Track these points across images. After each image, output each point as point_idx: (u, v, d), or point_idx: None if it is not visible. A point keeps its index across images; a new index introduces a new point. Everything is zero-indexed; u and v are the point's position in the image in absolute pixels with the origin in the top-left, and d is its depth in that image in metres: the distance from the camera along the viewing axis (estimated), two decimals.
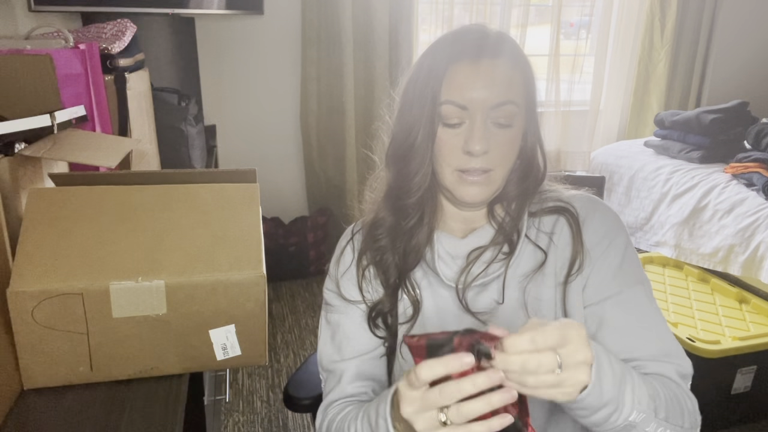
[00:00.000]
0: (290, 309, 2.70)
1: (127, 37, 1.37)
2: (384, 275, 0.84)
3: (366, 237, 0.85)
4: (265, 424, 1.95)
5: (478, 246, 0.81)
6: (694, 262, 2.37)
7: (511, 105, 0.73)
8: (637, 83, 3.41)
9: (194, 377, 1.00)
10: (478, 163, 0.74)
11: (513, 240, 0.80)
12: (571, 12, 3.36)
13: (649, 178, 2.67)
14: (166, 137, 1.69)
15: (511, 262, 0.79)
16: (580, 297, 0.78)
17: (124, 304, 0.81)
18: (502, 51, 0.74)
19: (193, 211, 0.89)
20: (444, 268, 0.81)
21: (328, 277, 0.89)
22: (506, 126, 0.74)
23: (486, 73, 0.73)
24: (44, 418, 0.78)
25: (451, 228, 0.84)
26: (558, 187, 0.85)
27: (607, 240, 0.79)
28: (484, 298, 0.80)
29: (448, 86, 0.73)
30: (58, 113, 0.93)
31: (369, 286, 0.85)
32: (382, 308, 0.84)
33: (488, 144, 0.73)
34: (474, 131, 0.73)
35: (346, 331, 0.85)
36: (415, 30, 2.95)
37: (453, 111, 0.74)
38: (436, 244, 0.82)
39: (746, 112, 2.70)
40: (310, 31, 2.80)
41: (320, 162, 3.02)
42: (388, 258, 0.83)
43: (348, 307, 0.85)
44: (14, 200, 0.84)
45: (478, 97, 0.72)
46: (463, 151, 0.74)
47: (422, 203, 0.81)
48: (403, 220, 0.81)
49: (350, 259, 0.87)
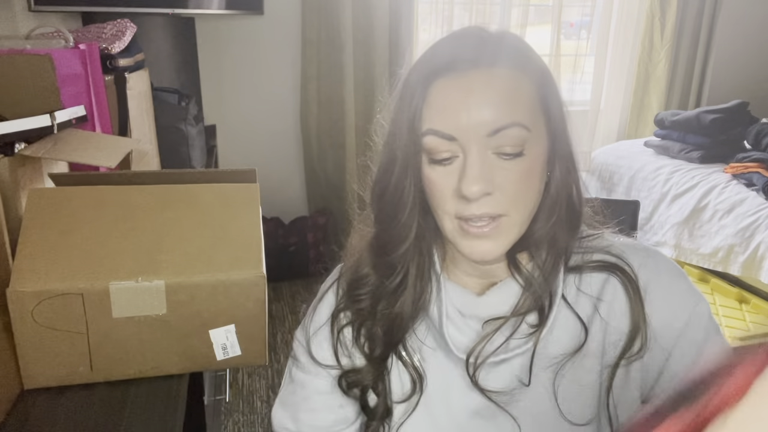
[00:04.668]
0: (290, 309, 2.70)
1: (127, 37, 1.37)
2: (367, 345, 0.66)
3: (345, 294, 0.68)
4: (265, 424, 1.95)
5: (498, 310, 0.62)
6: (694, 262, 2.37)
7: (517, 128, 0.54)
8: (637, 83, 3.41)
9: (194, 377, 1.00)
10: (480, 208, 0.55)
11: (544, 306, 0.60)
12: (571, 12, 3.36)
13: (649, 178, 2.67)
14: (166, 137, 1.69)
15: (542, 336, 0.60)
16: (636, 388, 0.60)
17: (124, 304, 0.81)
18: (499, 56, 0.56)
19: (193, 211, 0.89)
20: (454, 333, 0.63)
21: (301, 325, 0.72)
22: (515, 156, 0.55)
23: (476, 89, 0.54)
24: (44, 418, 0.78)
25: (464, 281, 0.66)
26: (603, 233, 0.65)
27: (683, 315, 0.59)
28: (504, 373, 0.62)
29: (430, 111, 0.56)
30: (58, 113, 0.93)
31: (346, 351, 0.67)
32: (359, 379, 0.66)
33: (490, 183, 0.55)
34: (467, 168, 0.55)
35: (309, 397, 0.69)
36: (415, 30, 2.95)
37: (438, 143, 0.56)
38: (444, 300, 0.64)
39: (746, 112, 2.70)
40: (310, 31, 2.80)
41: (320, 162, 3.02)
42: (370, 326, 0.66)
43: (317, 369, 0.68)
44: (14, 200, 0.84)
45: (468, 123, 0.54)
46: (458, 195, 0.56)
47: (406, 259, 0.63)
48: (386, 279, 0.64)
49: (328, 312, 0.69)
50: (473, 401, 0.63)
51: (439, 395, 0.65)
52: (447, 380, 0.65)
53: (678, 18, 3.30)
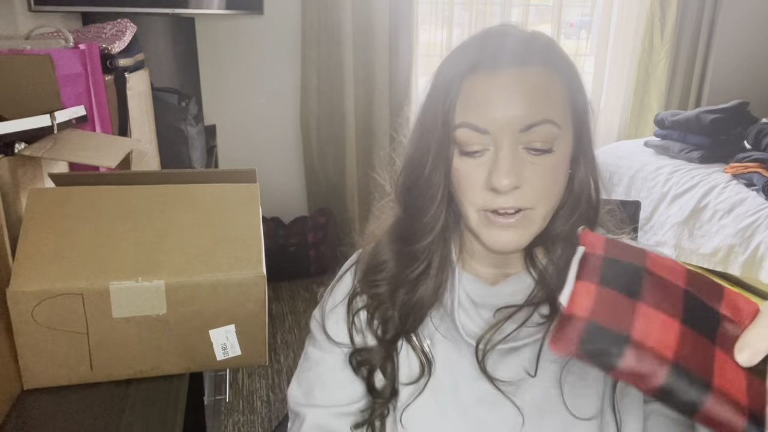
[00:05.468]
0: (290, 309, 2.70)
1: (127, 37, 1.37)
2: (380, 328, 0.69)
3: (362, 279, 0.71)
4: (265, 424, 1.95)
5: (510, 300, 0.64)
6: (694, 262, 2.37)
7: (549, 125, 0.57)
8: (637, 83, 3.41)
9: (194, 377, 1.00)
10: (508, 201, 0.58)
11: (556, 299, 0.64)
12: (571, 12, 3.36)
13: (649, 178, 2.67)
14: (166, 137, 1.69)
15: (551, 328, 0.61)
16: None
17: (124, 304, 0.81)
18: (533, 55, 0.58)
19: (193, 211, 0.89)
20: (465, 321, 0.66)
21: (319, 305, 0.76)
22: (544, 152, 0.58)
23: (512, 86, 0.57)
24: (44, 418, 0.78)
25: (479, 272, 0.68)
26: (620, 237, 0.68)
27: None
28: (512, 363, 0.64)
29: (464, 105, 0.59)
30: (58, 113, 0.93)
31: (360, 331, 0.71)
32: (369, 358, 0.69)
33: (519, 177, 0.57)
34: (499, 161, 0.57)
35: (322, 374, 0.72)
36: (415, 30, 2.95)
37: (471, 136, 0.58)
38: (457, 287, 0.67)
39: (746, 112, 2.70)
40: (310, 31, 2.80)
41: (320, 162, 3.02)
42: (385, 311, 0.68)
43: (331, 347, 0.72)
44: (14, 200, 0.84)
45: (503, 118, 0.57)
46: (487, 187, 0.59)
47: (431, 250, 0.66)
48: (407, 268, 0.67)
49: (345, 292, 0.73)
50: (480, 389, 0.65)
51: (446, 381, 0.66)
52: (455, 367, 0.66)
53: (678, 18, 3.30)
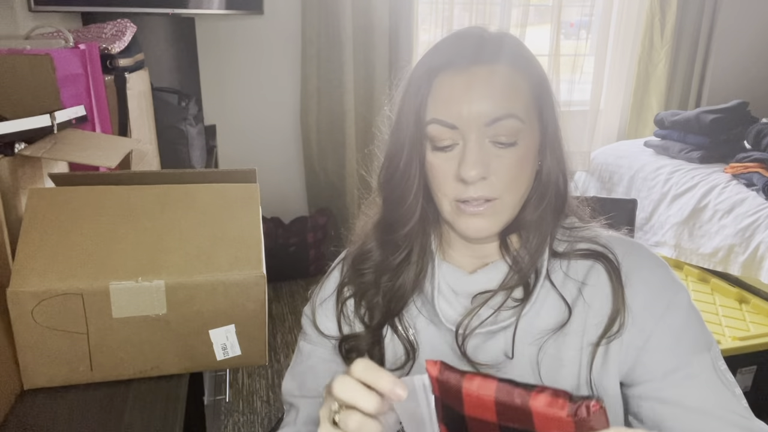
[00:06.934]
0: (290, 309, 2.70)
1: (127, 37, 1.37)
2: (367, 315, 0.73)
3: (350, 269, 0.75)
4: (265, 424, 1.95)
5: (487, 288, 0.68)
6: (694, 262, 2.37)
7: (512, 119, 0.61)
8: (637, 83, 3.41)
9: (194, 377, 1.00)
10: (476, 191, 0.62)
11: (529, 282, 0.67)
12: (571, 12, 3.36)
13: (649, 178, 2.67)
14: (166, 137, 1.69)
15: (525, 311, 0.66)
16: (614, 366, 0.64)
17: (124, 304, 0.81)
18: (498, 54, 0.63)
19: (193, 211, 0.89)
20: (444, 307, 0.69)
21: (309, 302, 0.80)
22: (509, 145, 0.62)
23: (477, 83, 0.61)
24: (44, 418, 0.78)
25: (458, 261, 0.72)
26: (591, 225, 0.71)
27: (663, 301, 0.64)
28: (491, 348, 0.67)
29: (434, 102, 0.63)
30: (58, 113, 0.93)
31: (348, 321, 0.75)
32: (357, 345, 0.73)
33: (486, 168, 0.62)
34: (466, 154, 0.61)
35: (314, 366, 0.75)
36: (415, 30, 2.95)
37: (441, 131, 0.62)
38: (437, 276, 0.70)
39: (746, 112, 2.70)
40: (310, 31, 2.80)
41: (320, 162, 3.02)
42: (371, 297, 0.73)
43: (321, 339, 0.76)
44: (14, 200, 0.84)
45: (469, 113, 0.61)
46: (457, 179, 0.63)
47: (411, 238, 0.70)
48: (390, 255, 0.71)
49: (333, 286, 0.77)
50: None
51: None
52: (437, 352, 0.70)
53: (678, 18, 3.30)
